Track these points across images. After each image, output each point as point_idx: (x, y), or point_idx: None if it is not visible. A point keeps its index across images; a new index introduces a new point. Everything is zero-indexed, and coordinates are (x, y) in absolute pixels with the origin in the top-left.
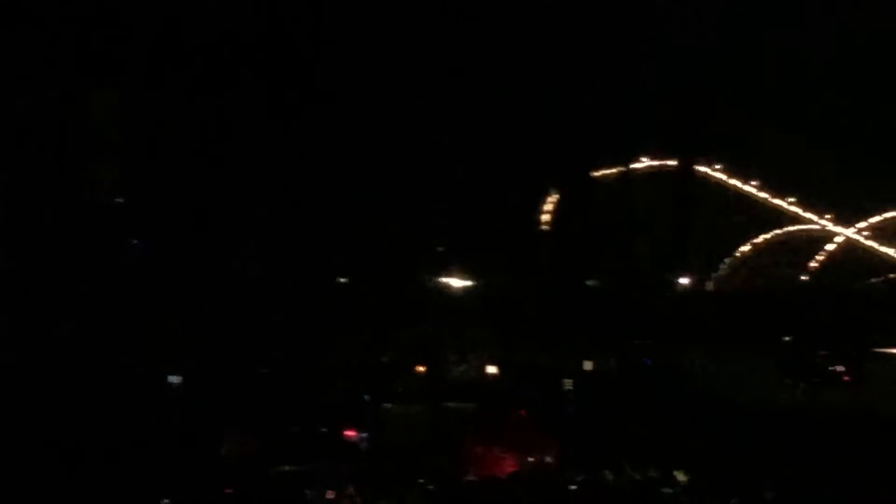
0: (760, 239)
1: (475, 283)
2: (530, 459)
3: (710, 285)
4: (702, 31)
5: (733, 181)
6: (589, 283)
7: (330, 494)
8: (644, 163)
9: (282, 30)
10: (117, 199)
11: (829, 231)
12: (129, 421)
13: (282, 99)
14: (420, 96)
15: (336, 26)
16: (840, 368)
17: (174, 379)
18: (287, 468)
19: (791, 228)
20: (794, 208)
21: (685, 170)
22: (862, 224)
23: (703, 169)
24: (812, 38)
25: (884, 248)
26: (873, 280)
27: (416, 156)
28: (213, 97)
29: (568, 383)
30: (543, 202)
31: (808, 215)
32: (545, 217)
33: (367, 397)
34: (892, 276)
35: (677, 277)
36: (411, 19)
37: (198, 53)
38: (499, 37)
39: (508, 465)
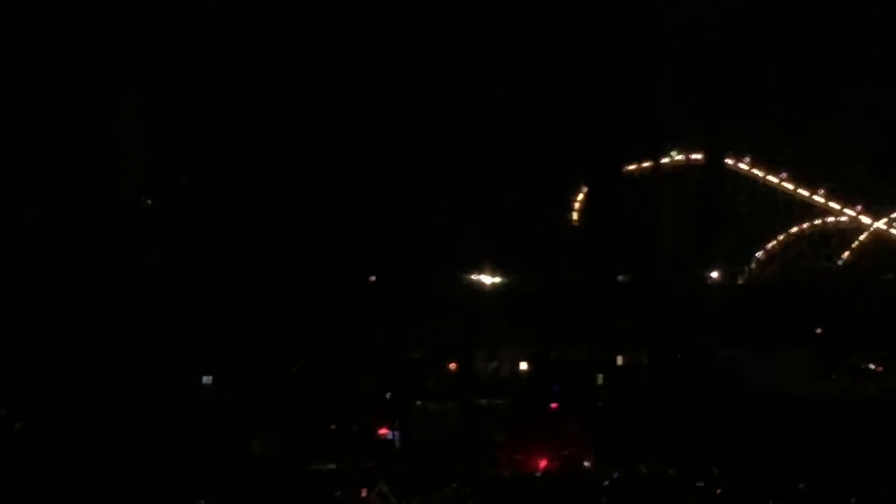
0: (790, 231)
1: (505, 278)
2: (563, 455)
3: (740, 278)
4: (728, 24)
5: (762, 174)
6: (619, 277)
7: (363, 493)
8: (673, 157)
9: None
10: (145, 200)
11: (860, 222)
12: (162, 421)
13: (306, 95)
14: (450, 90)
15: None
16: (872, 360)
17: (206, 379)
18: (319, 466)
19: (821, 220)
20: (823, 200)
21: (713, 163)
22: (894, 215)
23: (731, 162)
24: (838, 26)
25: None
26: None
27: (445, 150)
28: (234, 99)
29: (599, 378)
30: (573, 197)
31: (838, 207)
32: (575, 212)
33: (398, 395)
34: None
35: (707, 271)
36: (442, 12)
37: (217, 55)
38: (529, 31)
39: (541, 462)
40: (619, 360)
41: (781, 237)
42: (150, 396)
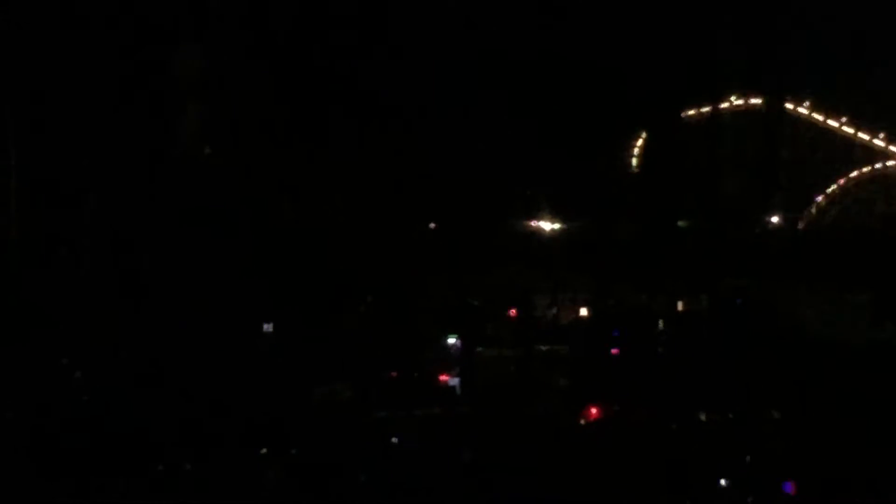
0: (851, 176)
1: (565, 225)
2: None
3: (800, 223)
4: None
5: (822, 117)
6: (679, 223)
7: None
8: (732, 102)
9: None
10: (206, 151)
11: None
12: (225, 371)
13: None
14: (507, 35)
15: None
16: None
17: (267, 327)
18: (380, 415)
19: (881, 164)
20: (883, 144)
21: (773, 108)
22: None
23: (790, 106)
24: None
25: None
26: None
27: (505, 97)
28: (298, 51)
29: (660, 324)
30: (633, 144)
31: None
32: (634, 158)
33: (459, 342)
34: None
35: (767, 216)
36: None
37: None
38: None
39: (601, 410)
40: (679, 306)
41: (841, 182)
42: (212, 344)
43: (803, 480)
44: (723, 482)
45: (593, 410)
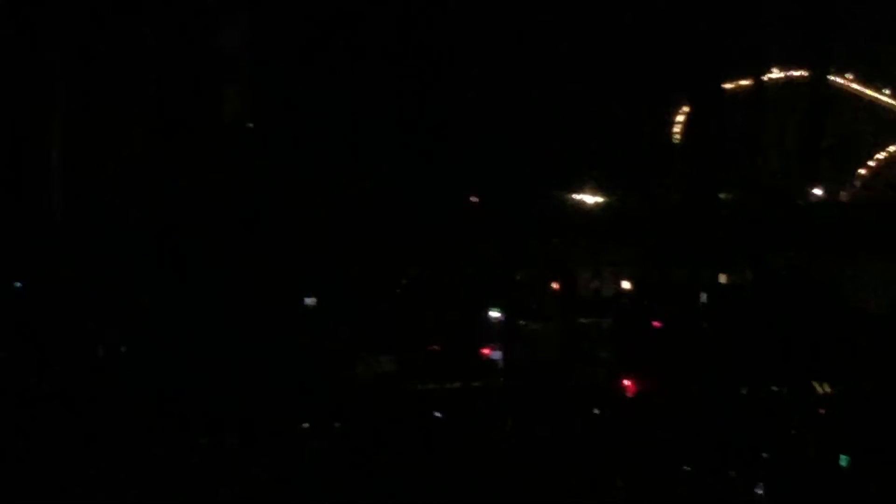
0: (894, 148)
1: (608, 197)
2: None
3: (844, 196)
4: None
5: (865, 90)
6: (721, 195)
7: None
8: (775, 73)
9: None
10: (248, 124)
11: None
12: (266, 343)
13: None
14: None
15: None
16: None
17: (309, 300)
18: (423, 387)
19: None
20: None
21: (817, 80)
22: None
23: (834, 78)
24: None
25: None
26: None
27: (549, 69)
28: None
29: (703, 297)
30: (675, 115)
31: None
32: (677, 130)
33: (502, 315)
34: None
35: (811, 188)
36: None
37: None
38: None
39: (642, 382)
40: (723, 279)
41: (885, 154)
42: (255, 318)
43: (849, 454)
44: (765, 455)
45: (628, 383)
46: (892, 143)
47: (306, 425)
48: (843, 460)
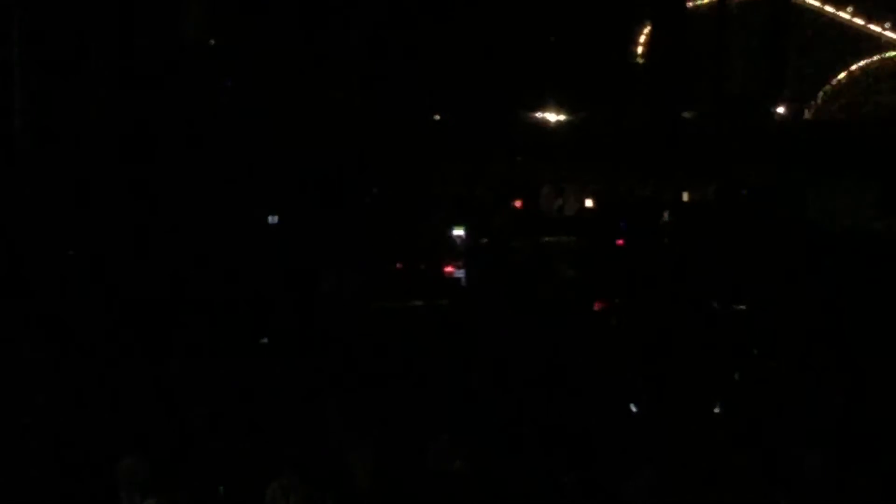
0: (857, 66)
1: (570, 115)
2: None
3: (807, 113)
4: None
5: (828, 7)
6: (685, 113)
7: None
8: None
9: None
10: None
11: None
12: (227, 262)
13: None
14: None
15: None
16: None
17: (271, 219)
18: (385, 305)
19: (889, 54)
20: (890, 34)
21: None
22: None
23: None
24: None
25: None
26: None
27: None
28: None
29: (665, 215)
30: (637, 34)
31: None
32: (640, 48)
33: (464, 232)
34: None
35: (774, 106)
36: None
37: None
38: None
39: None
40: (685, 197)
41: (848, 72)
42: (215, 236)
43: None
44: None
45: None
46: (856, 62)
47: (264, 340)
48: None
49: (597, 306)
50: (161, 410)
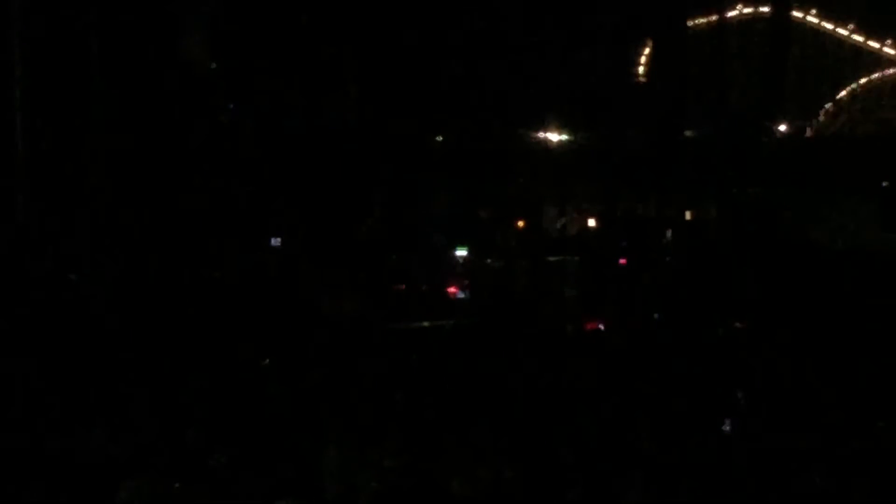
0: (859, 83)
1: (573, 135)
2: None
3: (808, 131)
4: None
5: (829, 25)
6: (687, 132)
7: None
8: (738, 10)
9: None
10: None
11: None
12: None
13: None
14: None
15: None
16: None
17: (274, 241)
18: (389, 326)
19: (890, 71)
20: (892, 50)
21: (780, 15)
22: None
23: (797, 14)
24: None
25: None
26: None
27: (512, 7)
28: None
29: (668, 234)
30: (638, 54)
31: None
32: (642, 68)
33: (466, 253)
34: None
35: (775, 124)
36: None
37: None
38: None
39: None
40: (688, 216)
41: (849, 89)
42: (220, 259)
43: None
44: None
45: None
46: (857, 79)
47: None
48: None
49: (593, 325)
50: (162, 431)
